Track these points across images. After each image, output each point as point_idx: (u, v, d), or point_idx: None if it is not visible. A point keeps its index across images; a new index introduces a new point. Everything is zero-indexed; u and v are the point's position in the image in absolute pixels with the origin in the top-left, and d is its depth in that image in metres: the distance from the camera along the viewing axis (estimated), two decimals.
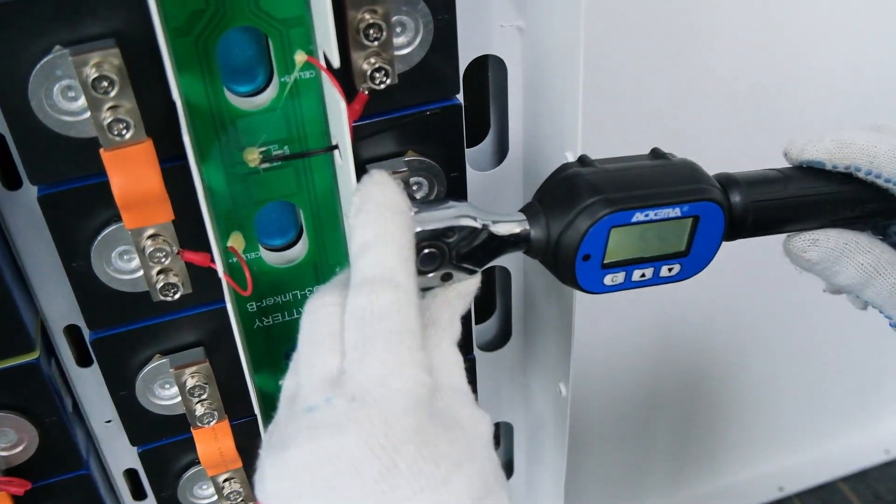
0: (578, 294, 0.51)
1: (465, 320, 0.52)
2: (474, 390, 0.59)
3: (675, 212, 0.41)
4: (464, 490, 0.32)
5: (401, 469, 0.31)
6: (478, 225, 0.39)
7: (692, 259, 0.43)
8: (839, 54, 0.86)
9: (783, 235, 0.46)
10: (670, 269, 0.43)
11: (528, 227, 0.41)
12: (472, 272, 0.40)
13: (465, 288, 0.40)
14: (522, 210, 0.41)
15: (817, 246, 0.44)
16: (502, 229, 0.40)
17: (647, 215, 0.40)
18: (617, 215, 0.40)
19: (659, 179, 0.41)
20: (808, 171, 0.45)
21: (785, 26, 0.82)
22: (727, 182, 0.43)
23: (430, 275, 0.39)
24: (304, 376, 0.35)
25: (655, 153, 0.43)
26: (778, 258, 0.47)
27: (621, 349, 0.97)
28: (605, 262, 0.41)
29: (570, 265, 0.40)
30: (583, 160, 0.42)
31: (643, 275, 0.43)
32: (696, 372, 1.05)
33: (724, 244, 0.44)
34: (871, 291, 0.45)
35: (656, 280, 0.43)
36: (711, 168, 0.44)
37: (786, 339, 1.06)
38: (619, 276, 0.42)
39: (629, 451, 1.09)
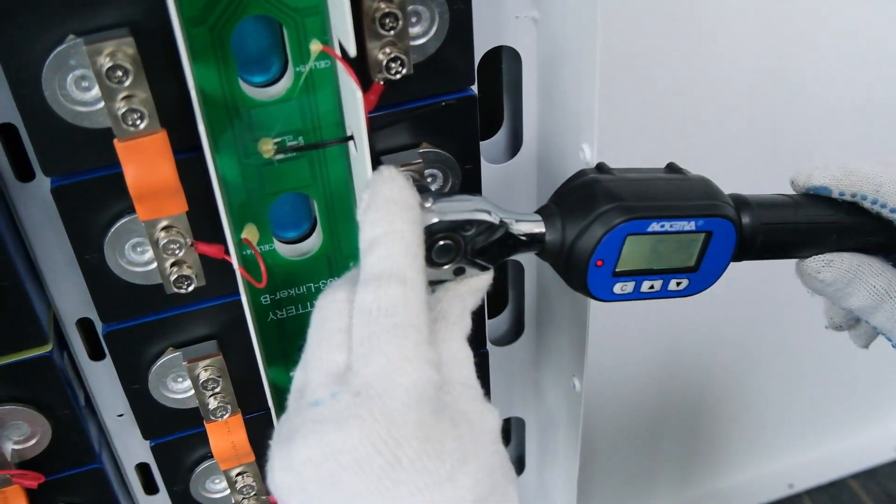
0: None
1: (478, 314, 0.51)
2: (486, 385, 0.59)
3: (689, 225, 0.41)
4: (468, 486, 0.31)
5: (404, 465, 0.31)
6: (496, 221, 0.39)
7: (701, 275, 0.43)
8: (857, 77, 0.86)
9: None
10: (678, 284, 0.43)
11: (543, 228, 0.40)
12: (484, 268, 0.40)
13: (477, 283, 0.40)
14: (538, 211, 0.41)
15: (832, 267, 0.45)
16: (520, 228, 0.40)
17: (662, 226, 0.41)
18: (634, 223, 0.40)
19: (676, 193, 0.42)
20: (817, 199, 0.45)
21: (805, 45, 0.82)
22: (739, 202, 0.44)
23: (444, 268, 0.39)
24: (311, 371, 0.35)
25: (671, 167, 0.44)
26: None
27: (631, 347, 0.97)
28: (616, 269, 0.41)
29: (582, 269, 0.41)
30: (600, 167, 0.43)
31: (652, 286, 0.43)
32: (706, 370, 1.05)
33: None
34: (881, 315, 0.46)
35: (664, 293, 0.44)
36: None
37: (795, 337, 1.06)
38: (629, 286, 0.42)
39: (639, 449, 1.09)
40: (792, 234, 0.44)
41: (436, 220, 0.38)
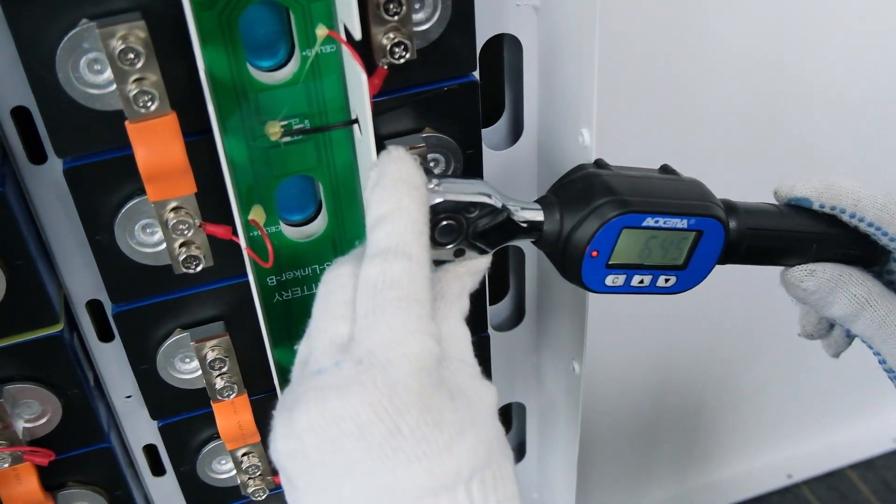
0: None
1: (479, 299, 0.52)
2: (488, 370, 0.60)
3: (682, 223, 0.43)
4: (466, 456, 0.32)
5: (403, 433, 0.32)
6: (498, 205, 0.40)
7: (688, 274, 0.45)
8: (858, 76, 0.87)
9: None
10: (667, 280, 0.45)
11: (542, 216, 0.42)
12: (483, 252, 0.41)
13: (476, 265, 0.41)
14: (538, 201, 0.43)
15: (814, 276, 0.47)
16: (522, 215, 0.41)
17: (657, 221, 0.42)
18: (631, 216, 0.41)
19: (670, 191, 0.43)
20: (801, 210, 0.47)
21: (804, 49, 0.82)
22: (727, 206, 0.45)
23: (446, 248, 0.40)
24: (315, 341, 0.36)
25: (665, 168, 0.45)
26: None
27: (630, 339, 0.98)
28: (610, 262, 0.43)
29: (577, 259, 0.42)
30: (599, 163, 0.44)
31: (642, 281, 0.44)
32: (705, 362, 1.06)
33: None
34: (862, 323, 0.47)
35: (652, 289, 0.45)
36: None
37: (794, 329, 1.06)
38: (620, 279, 0.44)
39: (638, 440, 1.10)
40: (775, 241, 0.46)
41: (440, 200, 0.39)
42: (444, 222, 0.39)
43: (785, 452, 1.20)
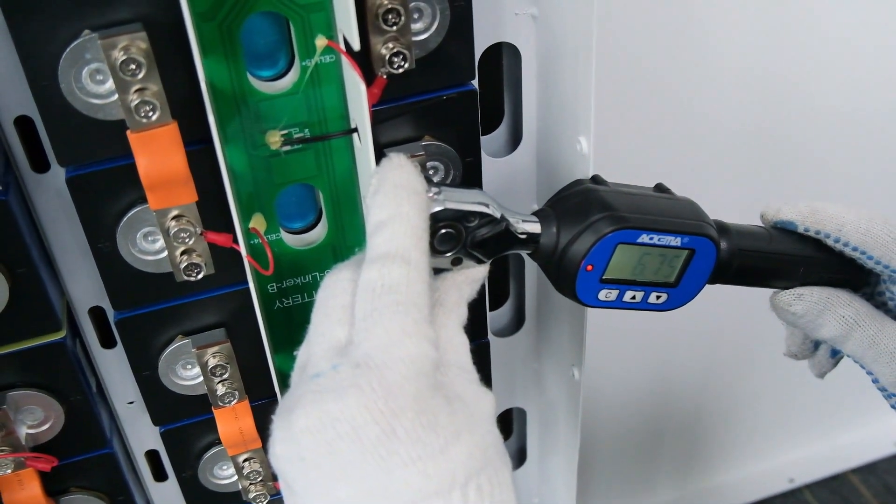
0: None
1: (479, 305, 0.53)
2: (488, 376, 0.61)
3: (676, 241, 0.43)
4: (461, 460, 0.32)
5: (399, 435, 0.32)
6: (497, 216, 0.41)
7: (679, 291, 0.46)
8: (853, 86, 0.87)
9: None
10: (658, 297, 0.45)
11: (540, 229, 0.42)
12: (480, 261, 0.41)
13: (474, 274, 0.41)
14: (535, 214, 0.43)
15: (802, 300, 0.47)
16: (520, 227, 0.42)
17: (651, 238, 0.43)
18: (627, 232, 0.42)
19: (665, 210, 0.44)
20: (789, 234, 0.48)
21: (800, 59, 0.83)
22: (719, 227, 0.46)
23: (444, 256, 0.40)
24: (314, 345, 0.36)
25: (660, 187, 0.46)
26: None
27: (631, 344, 0.98)
28: (604, 276, 0.43)
29: (572, 272, 0.42)
30: (596, 179, 0.45)
31: (634, 297, 0.45)
32: (706, 366, 1.06)
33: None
34: (852, 344, 0.48)
35: (643, 305, 0.46)
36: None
37: None
38: (613, 294, 0.44)
39: (640, 445, 1.10)
40: (764, 263, 0.47)
41: (440, 208, 0.39)
42: (444, 230, 0.40)
43: (786, 456, 1.20)
